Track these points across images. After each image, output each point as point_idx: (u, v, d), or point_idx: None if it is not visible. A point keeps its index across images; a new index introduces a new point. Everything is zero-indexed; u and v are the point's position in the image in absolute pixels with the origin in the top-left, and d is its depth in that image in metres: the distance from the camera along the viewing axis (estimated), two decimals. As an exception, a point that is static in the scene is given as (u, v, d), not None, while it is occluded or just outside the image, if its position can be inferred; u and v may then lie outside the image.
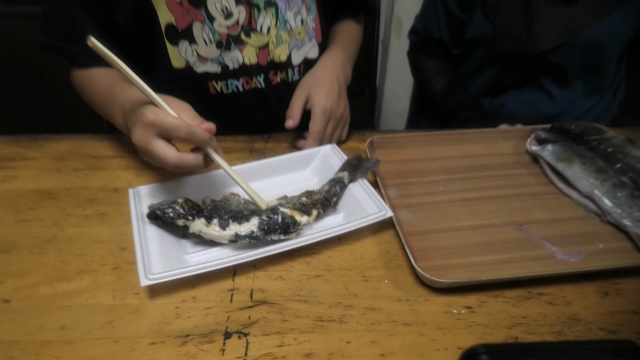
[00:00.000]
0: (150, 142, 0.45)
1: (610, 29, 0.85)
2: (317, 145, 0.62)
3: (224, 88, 0.66)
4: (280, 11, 0.63)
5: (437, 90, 1.00)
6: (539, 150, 0.60)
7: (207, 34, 0.61)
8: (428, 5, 0.97)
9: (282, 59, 0.67)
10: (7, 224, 0.52)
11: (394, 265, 0.47)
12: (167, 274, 0.42)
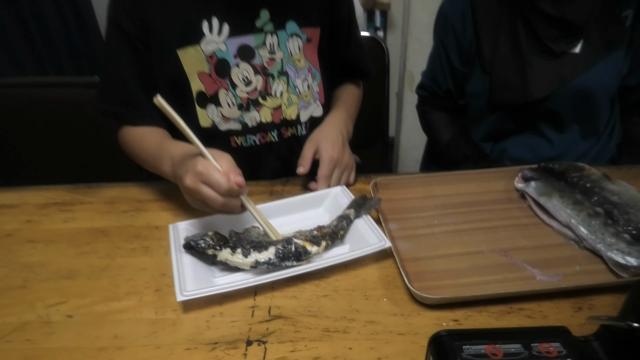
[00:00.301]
0: (200, 188, 0.55)
1: (598, 78, 0.93)
2: (326, 188, 0.71)
3: (244, 142, 0.77)
4: (291, 79, 0.75)
5: (443, 141, 1.09)
6: (524, 187, 0.68)
7: (230, 98, 0.73)
8: (434, 61, 1.08)
9: (292, 117, 0.78)
10: (69, 256, 0.62)
11: (392, 286, 0.55)
12: (198, 292, 0.51)
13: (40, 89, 1.04)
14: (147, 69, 0.72)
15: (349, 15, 0.83)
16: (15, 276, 0.59)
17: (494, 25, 0.95)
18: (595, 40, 0.91)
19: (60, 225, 0.69)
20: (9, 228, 0.68)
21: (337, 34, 0.82)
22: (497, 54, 0.95)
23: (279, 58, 0.74)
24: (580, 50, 0.92)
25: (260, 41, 0.72)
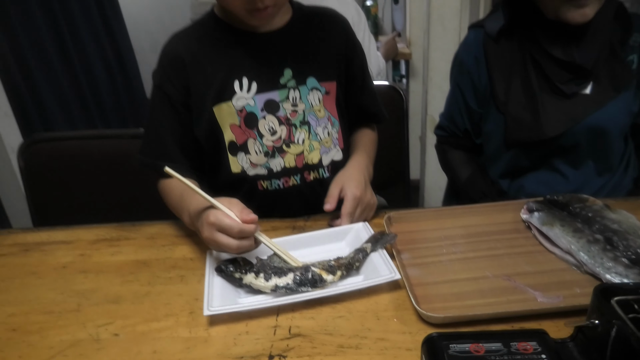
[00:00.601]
0: (215, 237, 0.65)
1: (609, 116, 0.96)
2: (349, 224, 0.77)
3: (269, 186, 0.85)
4: (312, 127, 0.84)
5: (462, 179, 1.14)
6: (529, 218, 0.72)
7: (257, 147, 0.82)
8: (451, 103, 1.14)
9: (314, 162, 0.86)
10: (115, 284, 0.70)
11: (402, 308, 0.60)
12: (222, 308, 0.58)
13: (92, 141, 1.18)
14: (184, 128, 0.83)
15: (362, 67, 0.92)
16: (70, 301, 0.67)
17: (506, 69, 1.01)
18: (604, 81, 0.96)
19: (109, 258, 0.78)
20: (65, 261, 0.78)
21: (351, 84, 0.90)
22: (510, 95, 1.00)
23: (300, 110, 0.83)
24: (590, 91, 0.96)
25: (284, 96, 0.82)
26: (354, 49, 0.89)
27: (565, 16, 0.90)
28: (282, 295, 0.61)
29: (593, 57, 0.94)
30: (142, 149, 0.86)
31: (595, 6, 0.89)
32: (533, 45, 0.97)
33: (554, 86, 0.96)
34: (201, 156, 0.85)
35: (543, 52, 0.96)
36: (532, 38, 0.97)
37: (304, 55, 0.83)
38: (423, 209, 0.80)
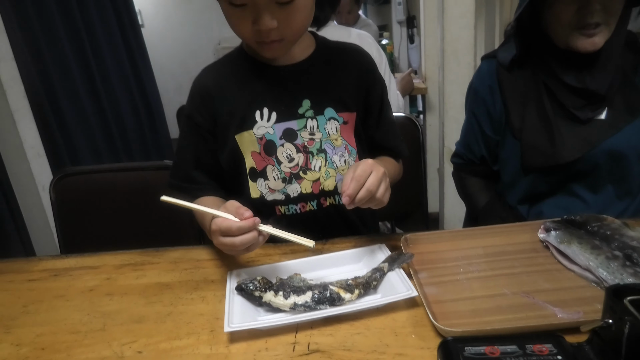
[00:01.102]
0: (220, 241, 0.69)
1: (626, 141, 0.96)
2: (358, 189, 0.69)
3: (286, 211, 0.88)
4: (329, 155, 0.87)
5: (480, 205, 1.14)
6: (546, 237, 0.72)
7: (276, 173, 0.85)
8: (467, 131, 1.15)
9: (330, 188, 0.88)
10: (139, 305, 0.72)
11: (420, 325, 0.60)
12: (243, 325, 0.59)
13: (118, 173, 1.24)
14: (211, 154, 0.88)
15: (380, 100, 0.93)
16: (96, 322, 0.69)
17: (520, 97, 1.02)
18: (619, 107, 0.97)
19: (133, 281, 0.80)
20: (91, 284, 0.80)
21: (369, 116, 0.93)
22: (525, 122, 1.01)
23: (318, 138, 0.86)
24: (605, 116, 0.97)
25: (302, 125, 0.85)
26: (374, 81, 0.92)
27: (575, 45, 0.92)
28: (301, 313, 0.62)
29: (606, 83, 0.95)
30: (172, 173, 0.91)
31: (604, 35, 0.91)
32: (546, 74, 0.99)
33: (568, 112, 0.97)
34: (225, 181, 0.89)
35: (556, 80, 0.98)
36: (545, 66, 1.00)
37: (323, 87, 0.87)
38: (440, 231, 0.81)
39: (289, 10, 0.73)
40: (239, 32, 0.77)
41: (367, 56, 0.93)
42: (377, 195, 0.71)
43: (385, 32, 4.07)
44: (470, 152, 1.15)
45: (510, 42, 1.06)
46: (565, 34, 0.93)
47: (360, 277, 0.69)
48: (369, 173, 0.70)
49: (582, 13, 0.89)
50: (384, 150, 0.97)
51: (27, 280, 0.85)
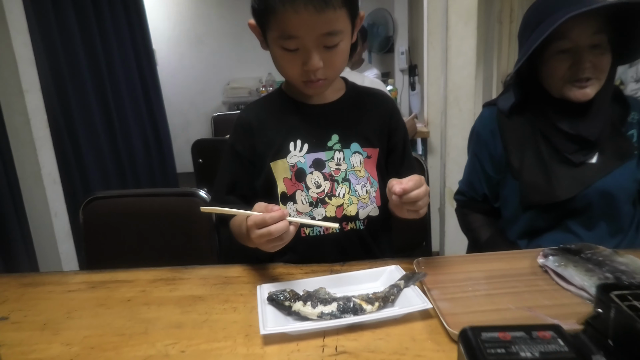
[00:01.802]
0: (256, 234, 0.77)
1: (616, 182, 1.07)
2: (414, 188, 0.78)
3: (311, 232, 0.96)
4: (352, 184, 0.96)
5: (482, 240, 1.22)
6: (544, 262, 0.81)
7: (304, 197, 0.95)
8: (470, 171, 1.26)
9: (352, 214, 0.97)
10: (176, 314, 0.79)
11: (435, 332, 0.67)
12: (277, 329, 0.67)
13: (144, 198, 1.32)
14: (247, 179, 0.99)
15: (403, 141, 1.04)
16: (138, 326, 0.76)
17: (519, 141, 1.13)
18: (609, 152, 1.07)
19: (167, 293, 0.87)
20: (128, 295, 0.87)
21: (392, 154, 1.03)
22: (524, 163, 1.12)
23: (343, 168, 0.96)
24: (596, 160, 1.08)
25: (330, 156, 0.96)
26: (397, 124, 1.03)
27: (568, 95, 1.04)
28: (327, 321, 0.70)
29: (597, 130, 1.06)
30: (213, 197, 1.01)
31: (595, 87, 1.03)
32: (542, 120, 1.11)
33: (562, 156, 1.08)
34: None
35: (551, 126, 1.09)
36: (541, 114, 1.11)
37: (351, 124, 0.98)
38: (448, 256, 0.89)
39: (332, 53, 0.86)
40: (288, 72, 0.89)
41: (392, 102, 1.06)
42: (421, 202, 0.80)
43: (389, 78, 4.27)
44: (473, 190, 1.25)
45: (509, 91, 1.19)
46: (560, 86, 1.05)
47: (380, 292, 0.76)
48: (422, 182, 0.81)
49: (575, 69, 1.01)
50: None
51: (66, 291, 0.92)
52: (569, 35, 1.00)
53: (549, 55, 1.04)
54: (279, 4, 0.80)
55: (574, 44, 1.00)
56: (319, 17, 0.80)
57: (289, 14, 0.80)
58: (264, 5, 0.83)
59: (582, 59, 1.00)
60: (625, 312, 0.42)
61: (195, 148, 2.28)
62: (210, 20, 5.16)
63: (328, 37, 0.84)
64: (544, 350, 0.42)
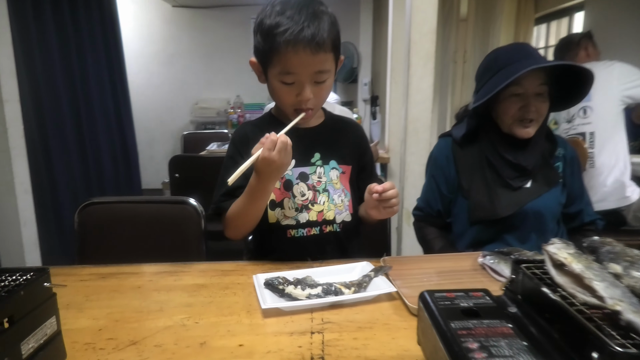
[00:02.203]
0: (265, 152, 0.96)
1: (545, 204, 1.32)
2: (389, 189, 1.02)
3: (296, 234, 1.14)
4: (330, 194, 1.16)
5: (435, 249, 1.44)
6: (483, 260, 1.02)
7: (291, 204, 1.13)
8: (427, 191, 1.48)
9: (330, 219, 1.16)
10: (184, 297, 0.94)
11: (398, 308, 0.86)
12: (275, 304, 0.84)
13: (138, 204, 1.45)
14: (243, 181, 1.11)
15: (370, 161, 1.27)
16: (153, 306, 0.90)
17: (469, 166, 1.37)
18: (540, 180, 1.33)
19: (172, 282, 1.02)
20: (138, 284, 1.01)
21: (362, 172, 1.24)
22: (472, 186, 1.35)
23: (323, 181, 1.16)
24: (530, 185, 1.33)
25: (313, 170, 1.15)
26: (365, 147, 1.26)
27: (515, 132, 1.29)
28: (315, 300, 0.87)
29: (532, 161, 1.31)
30: (215, 200, 1.15)
31: (535, 127, 1.28)
32: (490, 149, 1.35)
33: (504, 181, 1.32)
34: None
35: (498, 155, 1.33)
36: (490, 144, 1.35)
37: (330, 145, 1.18)
38: (408, 256, 1.09)
39: (321, 87, 1.06)
40: (284, 101, 1.08)
41: (360, 128, 1.27)
42: (395, 200, 1.03)
43: (354, 107, 4.54)
44: (429, 207, 1.47)
45: (462, 122, 1.43)
46: (509, 123, 1.29)
47: (355, 280, 0.95)
48: (394, 186, 1.03)
49: (523, 111, 1.26)
50: None
51: (79, 281, 1.04)
52: (522, 83, 1.24)
53: (504, 97, 1.28)
54: (283, 46, 0.99)
55: (525, 90, 1.25)
56: (314, 58, 1.01)
57: (290, 54, 1.00)
58: (269, 46, 1.02)
59: (529, 103, 1.25)
60: (529, 275, 0.62)
61: (172, 163, 2.40)
62: (182, 41, 5.31)
63: (319, 74, 1.04)
64: (476, 302, 0.62)
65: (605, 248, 0.64)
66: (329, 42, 1.02)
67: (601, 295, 0.53)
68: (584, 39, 2.59)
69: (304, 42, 0.99)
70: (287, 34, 0.98)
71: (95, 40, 3.43)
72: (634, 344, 0.47)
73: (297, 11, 1.00)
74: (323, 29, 1.00)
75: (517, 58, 1.25)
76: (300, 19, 0.99)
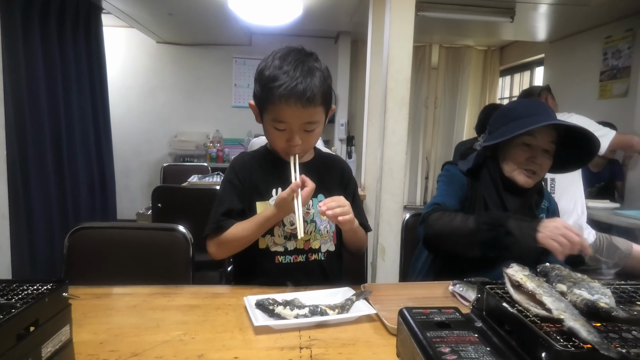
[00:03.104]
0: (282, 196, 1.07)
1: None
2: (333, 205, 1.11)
3: (283, 260, 1.23)
4: (317, 224, 1.25)
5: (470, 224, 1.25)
6: (453, 288, 1.13)
7: (280, 232, 1.22)
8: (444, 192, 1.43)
9: (316, 247, 1.25)
10: (179, 315, 1.00)
11: (379, 329, 0.95)
12: (265, 322, 0.91)
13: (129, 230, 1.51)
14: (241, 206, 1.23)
15: (353, 192, 1.36)
16: (150, 323, 0.96)
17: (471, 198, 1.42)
18: None
19: (166, 302, 1.08)
20: (133, 303, 1.07)
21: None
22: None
23: (311, 212, 1.25)
24: None
25: None
26: (349, 180, 1.37)
27: (517, 178, 1.37)
28: (302, 319, 0.95)
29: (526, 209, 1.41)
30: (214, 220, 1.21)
31: (535, 180, 1.39)
32: (488, 188, 1.42)
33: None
34: None
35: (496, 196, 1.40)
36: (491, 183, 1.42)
37: (318, 180, 1.26)
38: (385, 283, 1.19)
39: (309, 135, 1.18)
40: (275, 144, 1.20)
41: (346, 165, 1.39)
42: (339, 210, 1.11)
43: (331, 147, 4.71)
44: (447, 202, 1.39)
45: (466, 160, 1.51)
46: (513, 169, 1.37)
47: (338, 303, 1.04)
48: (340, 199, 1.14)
49: (530, 161, 1.35)
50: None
51: (74, 300, 1.08)
52: (537, 136, 1.32)
53: (516, 144, 1.35)
54: (277, 99, 1.11)
55: (537, 143, 1.33)
56: (304, 111, 1.13)
57: (283, 106, 1.12)
58: (265, 96, 1.14)
59: (538, 156, 1.33)
60: (492, 294, 0.73)
61: (155, 193, 2.46)
62: (164, 75, 5.42)
63: (308, 125, 1.16)
64: (448, 317, 0.73)
65: (555, 272, 0.76)
66: (319, 97, 1.14)
67: (549, 308, 0.64)
68: (543, 91, 2.84)
69: (296, 97, 1.10)
70: (282, 89, 1.10)
71: (81, 71, 3.50)
72: (574, 345, 0.58)
73: (293, 67, 1.12)
74: (315, 85, 1.12)
75: (536, 112, 1.34)
76: (295, 75, 1.11)
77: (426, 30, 4.93)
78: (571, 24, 4.22)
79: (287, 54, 1.15)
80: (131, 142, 5.39)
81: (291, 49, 1.18)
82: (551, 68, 4.87)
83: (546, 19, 4.17)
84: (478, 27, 4.72)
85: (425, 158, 5.94)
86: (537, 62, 5.36)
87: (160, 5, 3.91)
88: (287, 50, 1.17)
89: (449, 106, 5.87)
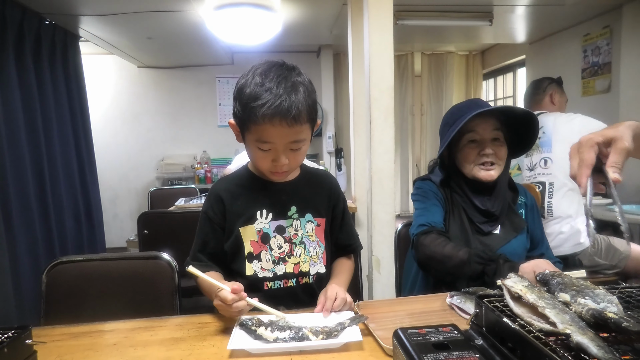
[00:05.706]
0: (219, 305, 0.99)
1: (512, 249, 1.38)
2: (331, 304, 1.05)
3: (272, 285, 1.17)
4: (307, 246, 1.20)
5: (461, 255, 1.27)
6: (450, 300, 1.08)
7: (268, 256, 1.16)
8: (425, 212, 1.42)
9: (306, 271, 1.19)
10: (162, 351, 0.94)
11: (375, 350, 0.90)
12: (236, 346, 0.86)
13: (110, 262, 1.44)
14: (217, 240, 1.18)
15: (342, 211, 1.31)
16: (130, 362, 0.90)
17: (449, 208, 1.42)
18: (507, 226, 1.42)
19: (149, 338, 1.01)
20: (113, 341, 1.00)
21: (334, 222, 1.28)
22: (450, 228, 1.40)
23: (300, 234, 1.20)
24: (499, 231, 1.41)
25: (290, 223, 1.19)
26: (338, 196, 1.30)
27: (478, 175, 1.37)
28: (280, 344, 0.90)
29: (499, 207, 1.40)
30: (191, 257, 1.17)
31: (497, 170, 1.38)
32: (461, 195, 1.42)
33: (476, 226, 1.40)
34: (226, 263, 1.17)
35: (468, 200, 1.41)
36: (461, 190, 1.43)
37: (305, 199, 1.23)
38: (380, 300, 1.14)
39: (296, 153, 1.12)
40: (260, 164, 1.14)
41: (334, 180, 1.34)
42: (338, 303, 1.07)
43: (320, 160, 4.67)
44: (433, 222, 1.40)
45: (432, 172, 1.52)
46: (471, 168, 1.38)
47: (327, 326, 0.98)
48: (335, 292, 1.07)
49: (481, 154, 1.36)
50: (345, 247, 1.32)
51: (51, 341, 1.02)
52: (477, 130, 1.37)
53: (463, 145, 1.40)
54: (260, 119, 1.03)
55: (480, 136, 1.37)
56: (290, 130, 1.05)
57: (267, 126, 1.04)
58: (247, 116, 1.06)
59: (486, 147, 1.37)
60: (490, 308, 0.69)
61: (141, 219, 2.39)
62: (148, 100, 5.38)
63: (294, 144, 1.09)
64: (446, 336, 0.68)
65: (555, 279, 0.72)
66: (304, 113, 1.06)
67: (553, 321, 0.60)
68: (550, 86, 2.58)
69: (281, 116, 1.02)
70: (265, 108, 1.02)
71: (60, 102, 3.44)
72: (583, 361, 0.53)
73: (275, 84, 1.04)
74: (299, 102, 1.04)
75: (466, 110, 1.38)
76: (278, 92, 1.03)
77: (407, 38, 4.95)
78: (549, 24, 4.26)
79: (269, 69, 1.08)
80: (117, 169, 5.31)
81: (272, 63, 1.10)
82: (533, 68, 4.90)
83: (524, 21, 4.21)
84: (458, 33, 4.75)
85: (415, 165, 5.93)
86: (519, 64, 5.41)
87: (139, 30, 3.88)
88: (267, 65, 1.09)
89: (435, 112, 5.88)
